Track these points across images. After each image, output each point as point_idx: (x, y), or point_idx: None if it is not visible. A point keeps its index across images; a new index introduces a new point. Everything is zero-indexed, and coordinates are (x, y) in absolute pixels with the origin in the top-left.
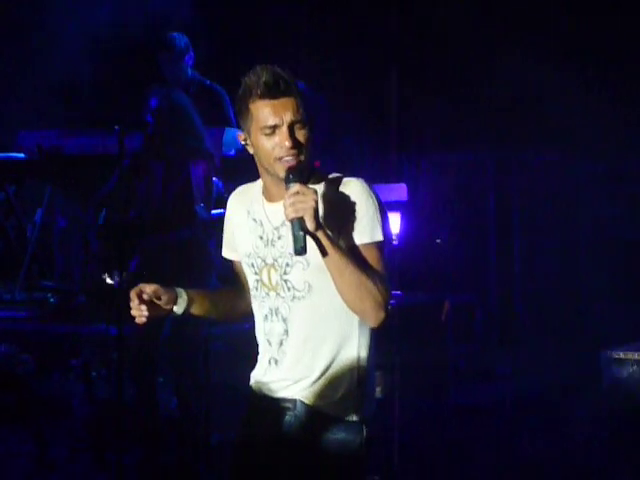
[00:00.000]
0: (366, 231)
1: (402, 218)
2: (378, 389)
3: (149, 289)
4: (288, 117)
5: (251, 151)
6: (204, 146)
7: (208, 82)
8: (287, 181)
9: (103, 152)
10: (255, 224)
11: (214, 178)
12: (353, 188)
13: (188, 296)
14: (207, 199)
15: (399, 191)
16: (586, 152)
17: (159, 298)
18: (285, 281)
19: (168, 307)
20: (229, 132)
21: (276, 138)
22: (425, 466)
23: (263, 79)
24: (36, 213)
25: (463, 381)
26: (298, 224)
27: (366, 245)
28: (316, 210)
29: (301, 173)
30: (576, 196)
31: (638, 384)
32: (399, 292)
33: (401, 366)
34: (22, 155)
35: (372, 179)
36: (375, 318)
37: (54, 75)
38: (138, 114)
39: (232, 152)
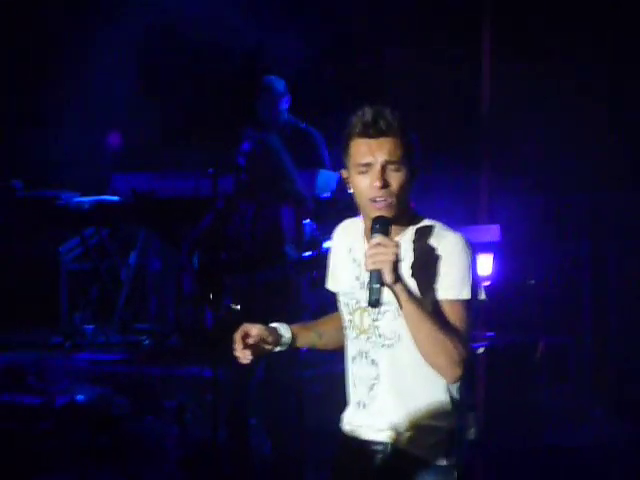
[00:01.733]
0: (453, 287)
1: (495, 259)
2: (472, 430)
3: (254, 332)
4: (382, 157)
5: (350, 190)
6: (296, 188)
7: (304, 125)
8: (372, 230)
9: (196, 195)
10: (354, 264)
11: (307, 220)
12: (449, 240)
13: (292, 332)
14: (298, 241)
15: (492, 232)
16: None
17: (264, 341)
18: (376, 327)
19: (271, 348)
20: (323, 174)
21: (369, 177)
22: None
23: (365, 117)
24: (130, 256)
25: (555, 422)
26: (376, 276)
27: (451, 301)
28: (395, 263)
29: (389, 222)
30: None
31: None
32: (492, 333)
33: (494, 407)
34: (116, 198)
35: (464, 220)
36: (450, 375)
37: (148, 116)
38: (231, 157)
39: (327, 194)
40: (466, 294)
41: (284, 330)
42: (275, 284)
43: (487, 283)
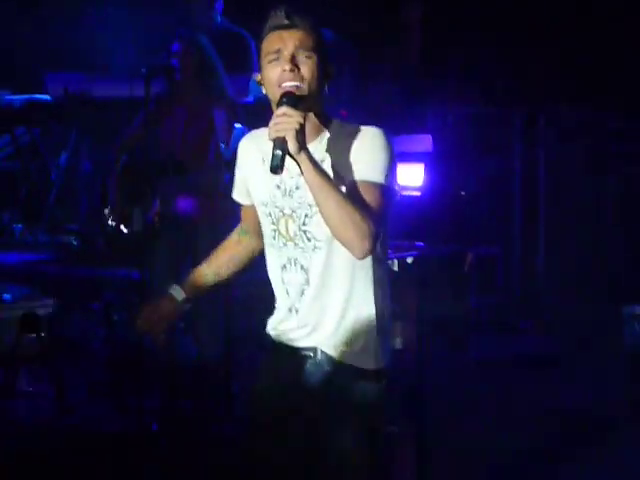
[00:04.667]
0: (369, 171)
1: (426, 169)
2: (398, 340)
3: (156, 331)
4: (292, 44)
5: (264, 91)
6: (227, 93)
7: (236, 29)
8: (278, 105)
9: (129, 96)
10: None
11: (238, 125)
12: (370, 134)
13: (186, 288)
14: (228, 143)
15: (424, 142)
16: (617, 108)
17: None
18: (304, 232)
19: (175, 315)
20: (254, 79)
21: (279, 65)
22: (443, 418)
23: (277, 13)
24: (61, 156)
25: (484, 334)
26: (279, 144)
27: (365, 183)
28: (299, 131)
29: (298, 102)
30: (605, 153)
31: None
32: (421, 243)
33: (422, 317)
34: (48, 97)
35: (399, 130)
36: (358, 248)
37: (84, 18)
38: (164, 58)
39: (252, 99)
40: (381, 179)
41: (177, 293)
42: (205, 186)
43: (418, 193)
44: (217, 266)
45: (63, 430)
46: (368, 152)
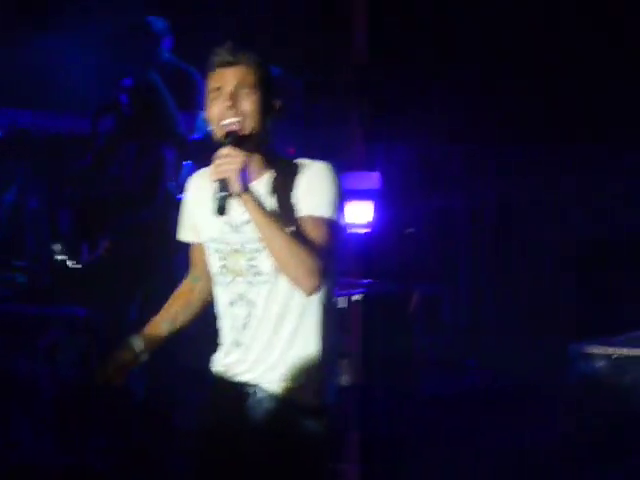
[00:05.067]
0: (317, 205)
1: (375, 206)
2: (344, 377)
3: (116, 380)
4: (232, 81)
5: (209, 127)
6: (177, 128)
7: (184, 65)
8: (222, 144)
9: (77, 133)
10: None
11: (188, 161)
12: (316, 168)
13: (143, 339)
14: (177, 181)
15: (372, 179)
16: (558, 144)
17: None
18: (252, 266)
19: (135, 363)
20: (202, 116)
21: (219, 102)
22: (390, 455)
23: (219, 52)
24: (7, 192)
25: (430, 372)
26: (222, 185)
27: (312, 218)
28: (242, 173)
29: (240, 142)
30: (549, 189)
31: (606, 379)
32: (369, 280)
33: (368, 355)
34: None
35: (347, 167)
36: (306, 285)
37: (31, 56)
38: (113, 95)
39: (199, 135)
40: (329, 214)
41: (136, 343)
42: (155, 222)
43: (366, 230)
44: (172, 316)
45: (7, 465)
46: (315, 187)
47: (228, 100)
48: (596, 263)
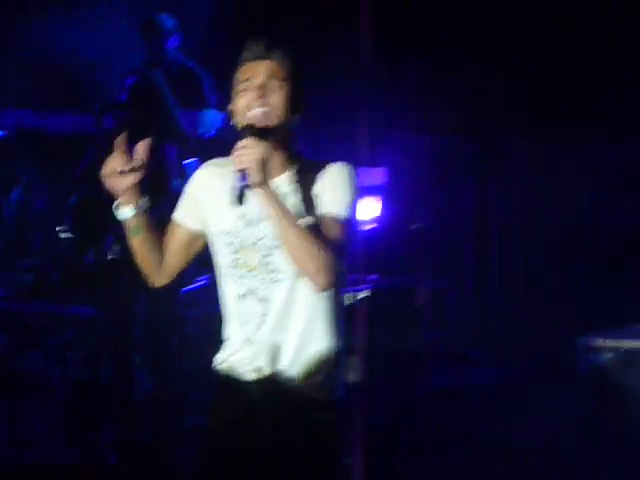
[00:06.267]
0: (333, 204)
1: (381, 202)
2: (352, 373)
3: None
4: (263, 73)
5: (234, 122)
6: (179, 127)
7: (191, 64)
8: (242, 136)
9: (82, 132)
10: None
11: (193, 159)
12: (335, 169)
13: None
14: (182, 177)
15: (378, 175)
16: (566, 138)
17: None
18: (267, 263)
19: (133, 185)
20: (208, 114)
21: (249, 93)
22: (399, 449)
23: (251, 45)
24: (12, 192)
25: (437, 365)
26: (241, 176)
27: (328, 216)
28: (261, 164)
29: (263, 134)
30: (556, 181)
31: (614, 372)
32: (375, 276)
33: (375, 350)
34: (0, 133)
35: (353, 163)
36: (320, 280)
37: (35, 55)
38: (115, 93)
39: (212, 133)
40: (342, 212)
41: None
42: (161, 221)
43: (373, 226)
44: (155, 237)
45: (19, 464)
46: (333, 186)
47: (256, 89)
48: (605, 253)
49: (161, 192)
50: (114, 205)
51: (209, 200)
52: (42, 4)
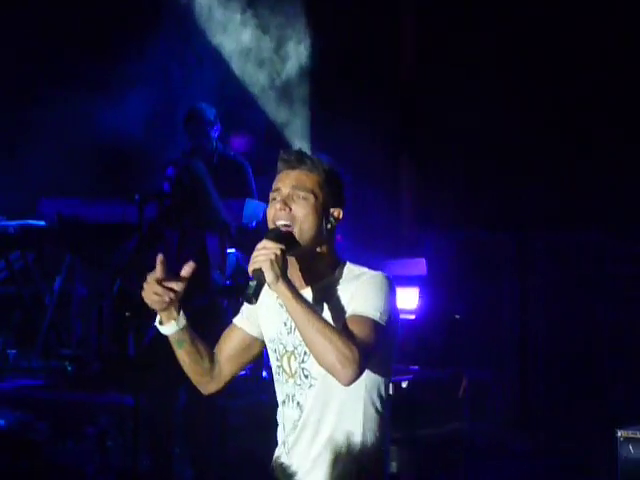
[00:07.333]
0: (362, 306)
1: (421, 292)
2: (394, 464)
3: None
4: (290, 183)
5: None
6: (220, 217)
7: (233, 154)
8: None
9: (123, 221)
10: (281, 309)
11: (233, 249)
12: (369, 276)
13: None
14: (222, 268)
15: (418, 265)
16: (611, 232)
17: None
18: (302, 369)
19: (172, 303)
20: (249, 204)
21: (276, 204)
22: None
23: (284, 154)
24: (55, 281)
25: (479, 458)
26: (256, 275)
27: (356, 315)
28: (275, 262)
29: (281, 237)
30: (599, 276)
31: None
32: (416, 367)
33: (417, 442)
34: (42, 222)
35: (394, 254)
36: (342, 374)
37: (77, 143)
38: (157, 184)
39: (253, 224)
40: (372, 313)
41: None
42: (201, 310)
43: (412, 317)
44: (200, 346)
45: None
46: (363, 292)
47: (280, 202)
48: None
49: (201, 282)
50: (156, 321)
51: (265, 308)
52: (86, 95)
